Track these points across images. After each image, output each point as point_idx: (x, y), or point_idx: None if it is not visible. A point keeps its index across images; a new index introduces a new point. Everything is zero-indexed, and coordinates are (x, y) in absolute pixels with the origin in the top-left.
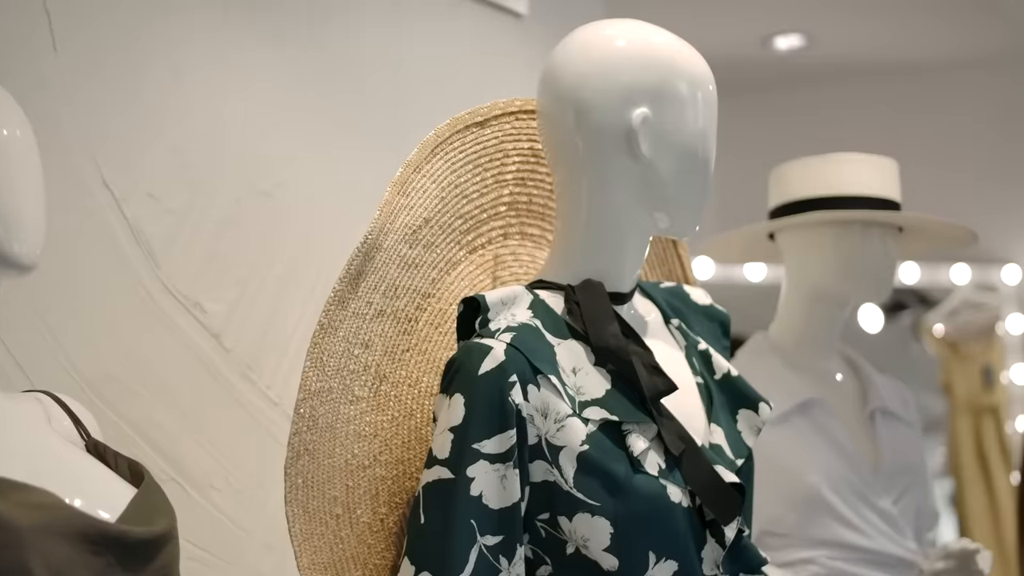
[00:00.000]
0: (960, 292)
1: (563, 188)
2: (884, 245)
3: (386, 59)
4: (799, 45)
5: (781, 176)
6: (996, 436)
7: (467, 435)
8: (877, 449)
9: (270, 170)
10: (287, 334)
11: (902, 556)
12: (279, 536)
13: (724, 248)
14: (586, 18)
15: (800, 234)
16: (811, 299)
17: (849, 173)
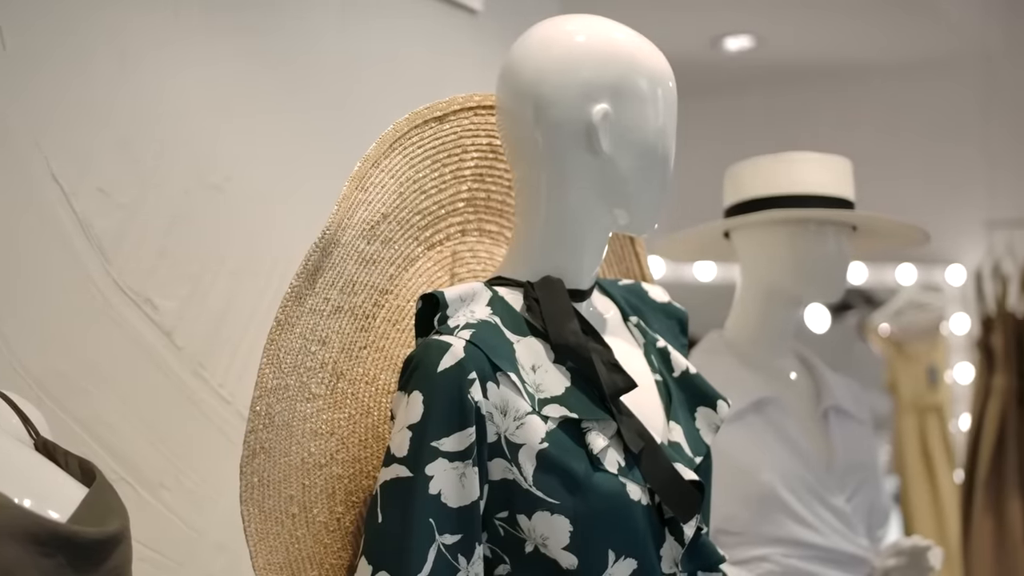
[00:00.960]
0: (906, 292)
1: (522, 184)
2: (838, 244)
3: (339, 54)
4: (749, 46)
5: (736, 175)
6: (940, 435)
7: (426, 433)
8: (831, 447)
9: (221, 164)
10: (240, 331)
11: (855, 553)
12: (231, 536)
13: (679, 247)
14: (541, 15)
15: (755, 233)
16: (765, 298)
17: (804, 172)
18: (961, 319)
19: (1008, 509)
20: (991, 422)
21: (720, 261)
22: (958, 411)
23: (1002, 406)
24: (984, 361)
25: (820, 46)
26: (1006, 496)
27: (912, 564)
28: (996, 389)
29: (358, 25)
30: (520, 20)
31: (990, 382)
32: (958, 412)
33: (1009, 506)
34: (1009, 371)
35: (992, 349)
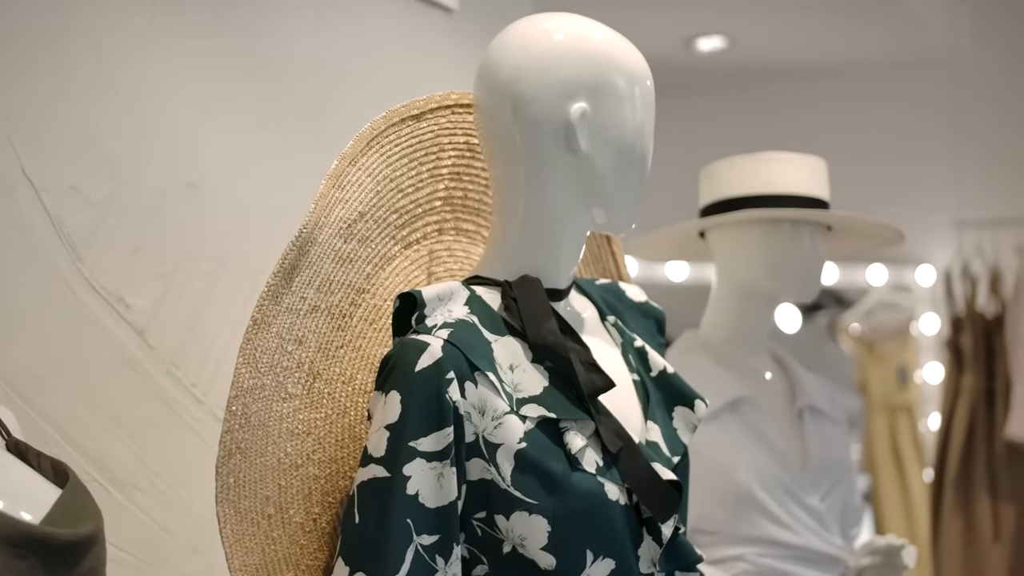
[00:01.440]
0: (876, 293)
1: (499, 183)
2: (813, 243)
3: (315, 53)
4: (721, 47)
5: (712, 174)
6: (910, 434)
7: (403, 433)
8: (805, 446)
9: (196, 161)
10: (213, 330)
11: (829, 552)
12: (204, 538)
13: (654, 246)
14: (516, 13)
15: (730, 232)
16: (741, 297)
17: (779, 172)
18: (931, 319)
19: (977, 508)
20: (960, 422)
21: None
22: (928, 411)
23: (971, 406)
24: (953, 361)
25: (791, 47)
26: (975, 495)
27: (886, 563)
28: (965, 389)
29: (334, 23)
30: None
31: (959, 382)
32: (928, 412)
33: (978, 505)
34: (978, 371)
35: (961, 349)
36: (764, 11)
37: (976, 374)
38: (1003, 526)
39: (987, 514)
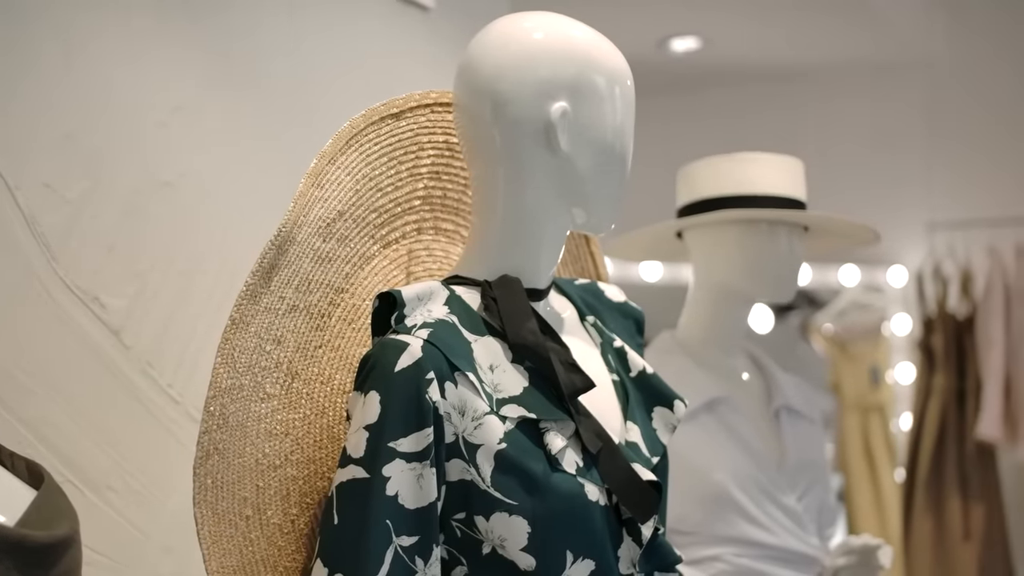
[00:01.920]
0: (848, 293)
1: (479, 182)
2: (790, 244)
3: (291, 51)
4: (695, 47)
5: (689, 175)
6: (882, 434)
7: (383, 433)
8: (782, 447)
9: (173, 160)
10: (189, 330)
11: (806, 552)
12: (179, 538)
13: (631, 247)
14: (492, 11)
15: (707, 232)
16: (718, 297)
17: (756, 172)
18: (902, 320)
19: (947, 508)
20: (931, 422)
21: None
22: (899, 411)
23: (942, 406)
24: (925, 361)
25: (765, 49)
26: (946, 495)
27: (862, 563)
28: (936, 389)
29: (310, 22)
30: (471, 17)
31: (930, 382)
32: (899, 412)
33: (948, 505)
34: (949, 371)
35: (932, 350)
36: (738, 12)
37: (947, 374)
38: (973, 525)
39: (958, 513)
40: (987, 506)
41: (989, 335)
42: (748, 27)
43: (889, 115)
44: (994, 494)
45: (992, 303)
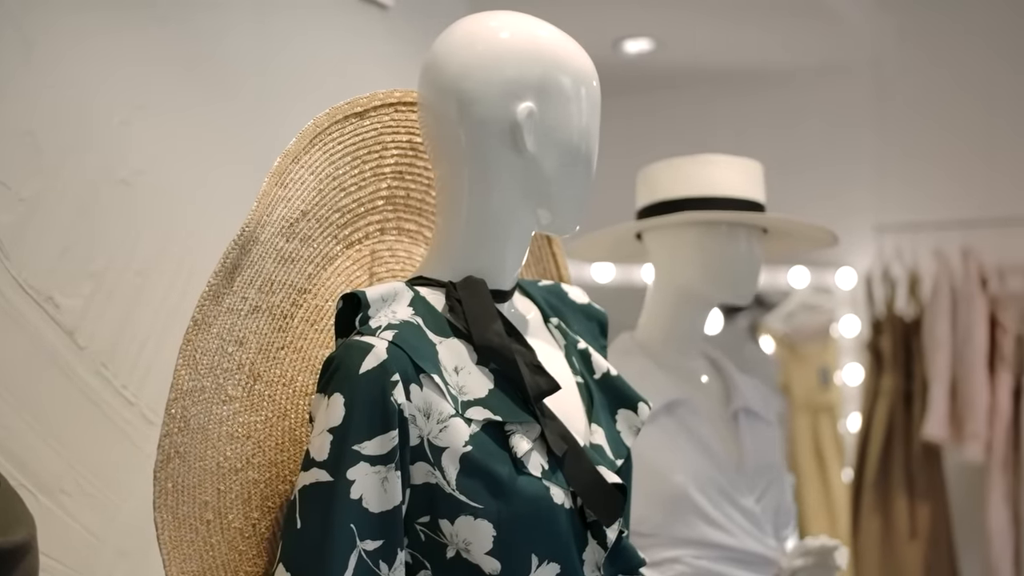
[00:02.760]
0: (798, 295)
1: (444, 183)
2: (749, 246)
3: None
4: (648, 49)
5: (649, 176)
6: (832, 434)
7: (347, 436)
8: (741, 449)
9: (130, 159)
10: (145, 331)
11: (764, 554)
12: (134, 542)
13: (591, 248)
14: (450, 10)
15: (667, 234)
16: (677, 299)
17: (716, 174)
18: (851, 321)
19: (895, 507)
20: (880, 422)
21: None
22: (847, 411)
23: (890, 407)
24: (873, 363)
25: (717, 50)
26: (893, 495)
27: (819, 564)
28: (884, 390)
29: (270, 19)
30: (430, 15)
31: (879, 383)
32: (847, 412)
33: (896, 505)
34: (897, 373)
35: (881, 351)
36: (690, 14)
37: (895, 376)
38: (919, 524)
39: (904, 512)
40: (933, 505)
41: (935, 337)
42: (700, 29)
43: (840, 117)
44: (940, 493)
45: (939, 305)
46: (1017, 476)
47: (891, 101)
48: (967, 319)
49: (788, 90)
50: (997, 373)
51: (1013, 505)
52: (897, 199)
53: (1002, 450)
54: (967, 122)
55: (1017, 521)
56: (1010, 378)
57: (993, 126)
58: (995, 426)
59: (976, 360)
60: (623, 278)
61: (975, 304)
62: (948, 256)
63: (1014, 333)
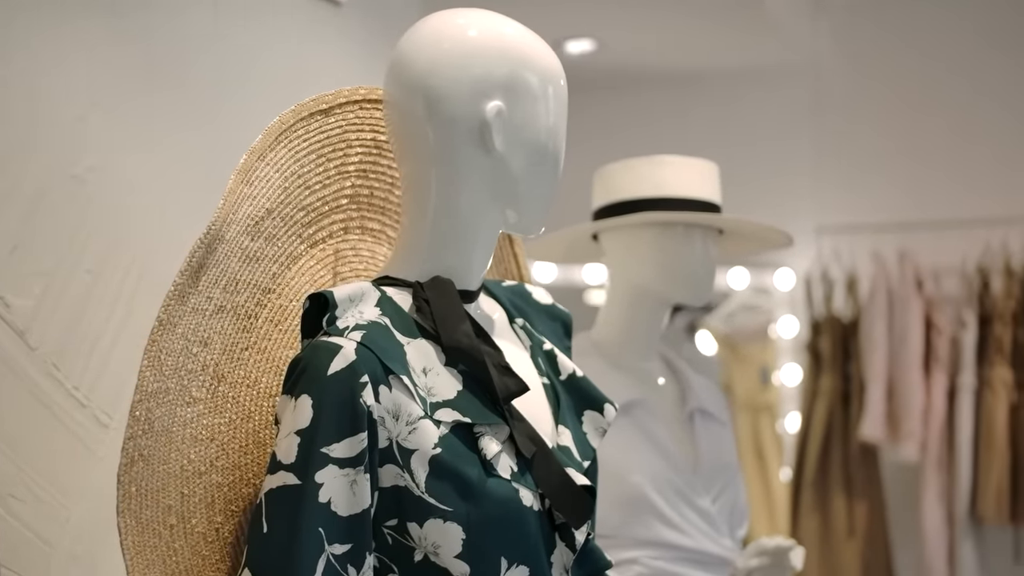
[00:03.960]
0: (738, 295)
1: (410, 181)
2: (705, 246)
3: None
4: (589, 50)
5: (605, 177)
6: (772, 434)
7: (315, 438)
8: (697, 449)
9: (83, 155)
10: (97, 331)
11: (720, 554)
12: (86, 547)
13: (547, 248)
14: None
15: (624, 235)
16: (633, 300)
17: (673, 175)
18: (789, 322)
19: (833, 506)
20: (818, 422)
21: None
22: (785, 411)
23: (829, 407)
24: (812, 363)
25: (658, 51)
26: (831, 494)
27: (775, 564)
28: (823, 391)
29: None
30: (383, 13)
31: (817, 384)
32: (785, 412)
33: (834, 503)
34: (835, 373)
35: (820, 352)
36: (631, 15)
37: (833, 376)
38: (857, 523)
39: (842, 511)
40: (870, 504)
41: (872, 338)
42: (641, 31)
43: (778, 120)
44: (876, 492)
45: (876, 307)
46: (951, 475)
47: (829, 104)
48: (903, 320)
49: (728, 92)
50: (932, 374)
51: (947, 504)
52: (836, 201)
53: (936, 450)
54: (903, 125)
55: (951, 519)
56: (944, 379)
57: (928, 130)
58: (930, 426)
59: (912, 361)
60: (563, 278)
61: (911, 306)
62: (885, 258)
63: (948, 334)
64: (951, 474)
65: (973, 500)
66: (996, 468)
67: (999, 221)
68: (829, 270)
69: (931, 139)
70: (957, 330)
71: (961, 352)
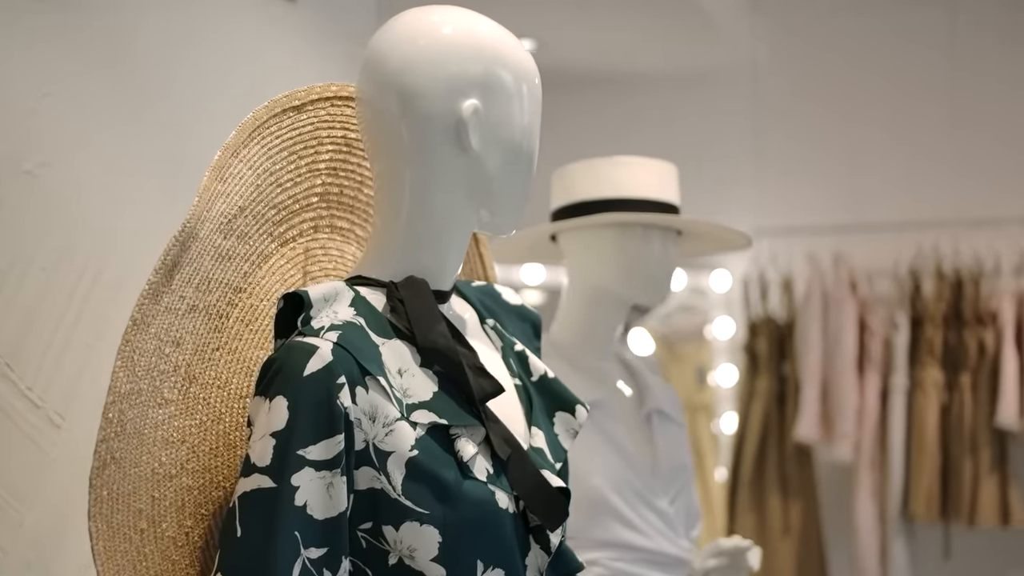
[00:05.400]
0: (675, 296)
1: (383, 179)
2: (664, 248)
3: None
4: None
5: (564, 177)
6: (708, 433)
7: (291, 441)
8: (655, 450)
9: (36, 149)
10: (51, 330)
11: (677, 555)
12: (39, 553)
13: (506, 249)
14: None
15: (583, 235)
16: (592, 300)
17: (632, 176)
18: (725, 323)
19: (769, 505)
20: (755, 423)
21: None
22: (720, 412)
23: (765, 408)
24: (749, 364)
25: (599, 53)
26: (767, 493)
27: (732, 564)
28: (759, 391)
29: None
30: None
31: (754, 385)
32: (720, 413)
33: (770, 503)
34: (771, 374)
35: (756, 353)
36: (573, 16)
37: (769, 377)
38: (792, 522)
39: (778, 510)
40: (804, 503)
41: (807, 339)
42: (582, 32)
43: (717, 122)
44: (811, 492)
45: (811, 309)
46: (883, 475)
47: (766, 107)
48: (837, 322)
49: (667, 93)
50: (865, 375)
51: (879, 502)
52: (772, 204)
53: (870, 450)
54: (840, 129)
55: (883, 518)
56: (877, 380)
57: (863, 134)
58: (863, 426)
59: (846, 362)
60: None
61: (845, 308)
62: (820, 260)
63: (881, 336)
64: (883, 473)
65: (905, 499)
66: (927, 467)
67: (931, 225)
68: (765, 272)
69: (866, 143)
70: (890, 332)
71: (893, 353)
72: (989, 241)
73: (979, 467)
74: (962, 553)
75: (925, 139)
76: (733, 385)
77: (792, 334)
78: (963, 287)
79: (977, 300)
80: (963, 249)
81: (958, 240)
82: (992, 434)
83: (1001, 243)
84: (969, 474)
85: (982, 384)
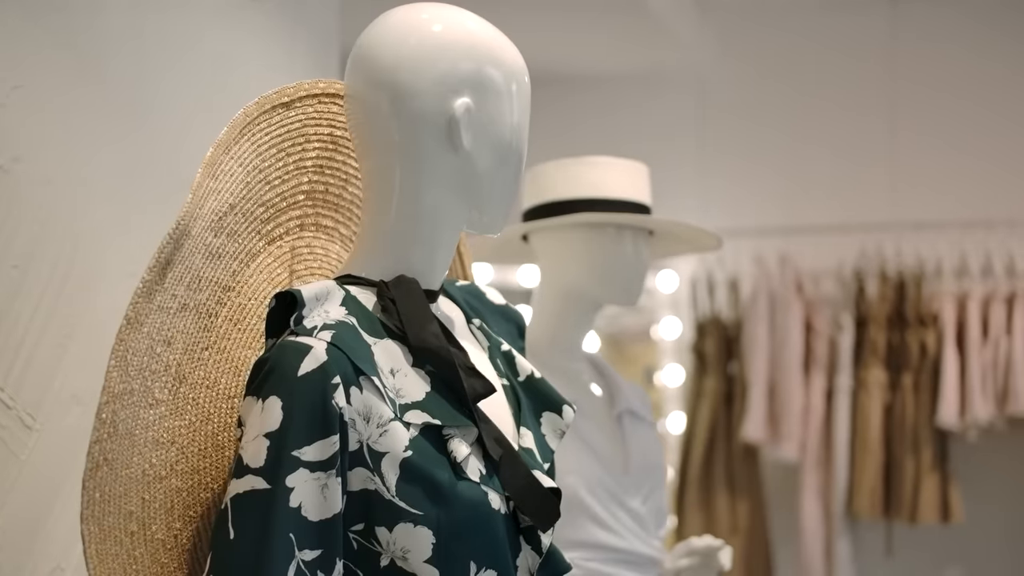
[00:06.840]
0: None
1: (372, 178)
2: (636, 248)
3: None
4: None
5: (536, 177)
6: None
7: (285, 441)
8: (626, 450)
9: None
10: (22, 329)
11: (650, 555)
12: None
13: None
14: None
15: (555, 235)
16: (563, 301)
17: (604, 176)
18: (671, 323)
19: (716, 504)
20: (703, 423)
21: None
22: (667, 412)
23: (713, 408)
24: (697, 365)
25: (547, 53)
26: (715, 492)
27: (703, 564)
28: (707, 391)
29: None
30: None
31: (702, 385)
32: (667, 413)
33: (717, 502)
34: (719, 375)
35: (704, 353)
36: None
37: (717, 378)
38: (739, 520)
39: (725, 509)
40: (751, 502)
41: (754, 340)
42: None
43: (664, 124)
44: (757, 491)
45: (757, 310)
46: (828, 474)
47: (712, 109)
48: (784, 323)
49: (614, 95)
50: (811, 375)
51: (824, 501)
52: (719, 205)
53: (815, 449)
54: (783, 132)
55: (828, 516)
56: (823, 380)
57: (807, 137)
58: (809, 426)
59: (792, 362)
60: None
61: (791, 308)
62: (766, 261)
63: (827, 336)
64: (828, 472)
65: (849, 497)
66: (870, 466)
67: (874, 227)
68: (713, 273)
69: (812, 145)
70: (835, 332)
71: (838, 354)
72: (930, 244)
73: (920, 466)
74: (904, 550)
75: (868, 143)
76: (680, 385)
77: (739, 335)
78: (906, 289)
79: (919, 302)
80: (905, 251)
81: (901, 243)
82: (933, 433)
83: (942, 246)
84: (911, 473)
85: (924, 384)
